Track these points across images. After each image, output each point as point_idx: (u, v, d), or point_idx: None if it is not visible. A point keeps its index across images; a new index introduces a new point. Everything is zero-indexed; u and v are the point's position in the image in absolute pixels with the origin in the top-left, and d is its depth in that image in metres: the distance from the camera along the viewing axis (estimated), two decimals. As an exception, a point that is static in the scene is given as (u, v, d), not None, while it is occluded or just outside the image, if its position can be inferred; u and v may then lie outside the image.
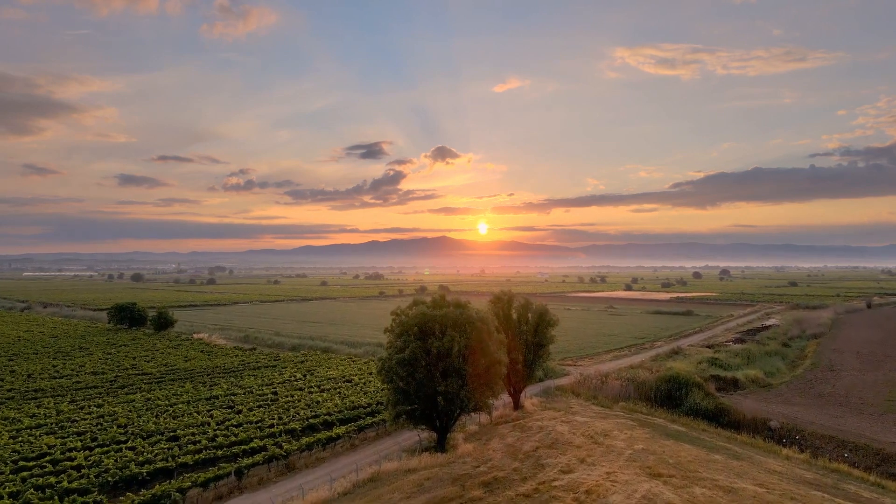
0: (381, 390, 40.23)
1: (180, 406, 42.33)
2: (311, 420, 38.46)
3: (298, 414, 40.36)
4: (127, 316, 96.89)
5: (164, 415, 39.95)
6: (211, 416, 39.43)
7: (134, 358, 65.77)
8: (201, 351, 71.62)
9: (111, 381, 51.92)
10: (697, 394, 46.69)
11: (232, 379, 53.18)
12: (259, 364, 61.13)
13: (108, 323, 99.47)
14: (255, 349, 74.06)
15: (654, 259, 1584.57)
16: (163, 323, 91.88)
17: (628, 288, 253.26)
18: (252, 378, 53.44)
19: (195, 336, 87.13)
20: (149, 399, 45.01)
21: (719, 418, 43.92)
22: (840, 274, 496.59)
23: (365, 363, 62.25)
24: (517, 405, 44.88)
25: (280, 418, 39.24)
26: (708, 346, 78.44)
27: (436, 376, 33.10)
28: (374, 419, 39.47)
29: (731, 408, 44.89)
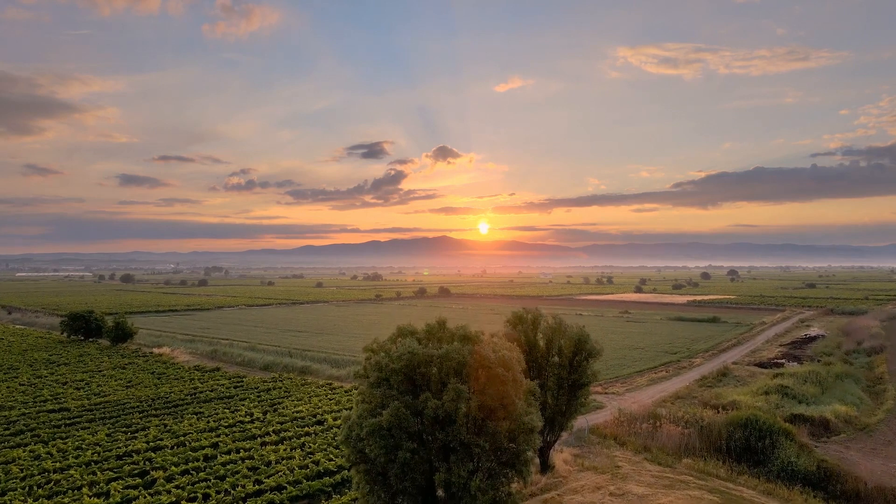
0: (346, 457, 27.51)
1: (71, 473, 30.04)
2: (248, 503, 26.22)
3: (235, 487, 28.13)
4: (82, 326, 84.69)
5: (40, 491, 27.70)
6: (106, 496, 27.17)
7: (64, 384, 53.57)
8: (152, 373, 59.41)
9: (7, 425, 39.65)
10: (789, 446, 34.40)
11: (169, 419, 40.92)
12: (213, 394, 48.83)
13: (62, 333, 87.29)
14: (217, 369, 61.82)
15: (656, 259, 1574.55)
16: (120, 334, 79.69)
17: (638, 290, 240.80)
18: (195, 417, 41.17)
19: (156, 350, 74.90)
20: (37, 457, 32.76)
21: (826, 485, 31.65)
22: (851, 274, 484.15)
23: (346, 392, 49.97)
24: (545, 465, 32.65)
25: (206, 498, 27.02)
26: (759, 365, 66.19)
27: (432, 453, 20.96)
28: (342, 499, 27.22)
29: (841, 469, 32.61)
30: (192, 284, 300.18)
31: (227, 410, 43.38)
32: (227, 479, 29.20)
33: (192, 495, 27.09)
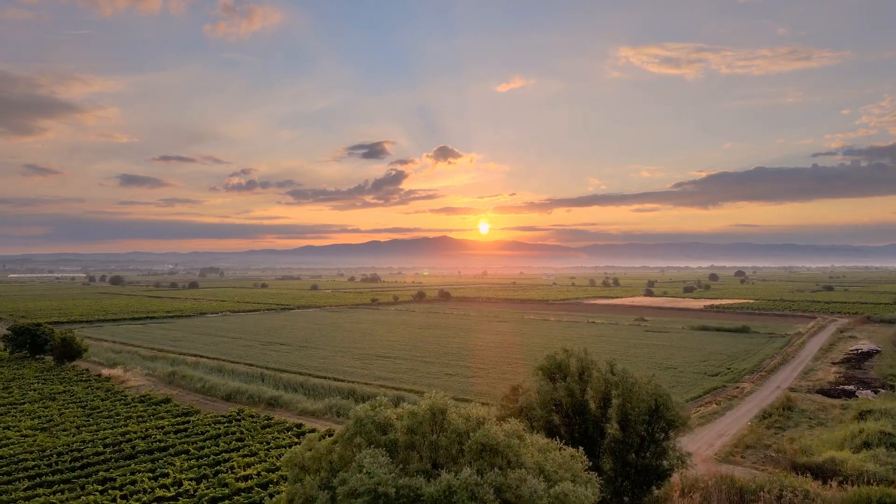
0: None
1: None
2: None
3: None
4: (27, 341, 73.53)
5: None
6: None
7: (-36, 425, 42.36)
8: (84, 406, 48.26)
9: None
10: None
11: (62, 493, 29.67)
12: (143, 444, 37.53)
13: (5, 349, 76.08)
14: (168, 400, 50.56)
15: (657, 259, 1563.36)
16: (67, 352, 68.53)
17: (649, 293, 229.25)
18: (98, 492, 29.90)
19: (105, 372, 63.71)
20: None
21: None
22: (861, 276, 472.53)
23: (318, 440, 38.71)
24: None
25: None
26: (823, 393, 54.89)
27: None
28: None
29: None
30: (182, 287, 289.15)
31: (149, 474, 32.09)
32: None
33: None
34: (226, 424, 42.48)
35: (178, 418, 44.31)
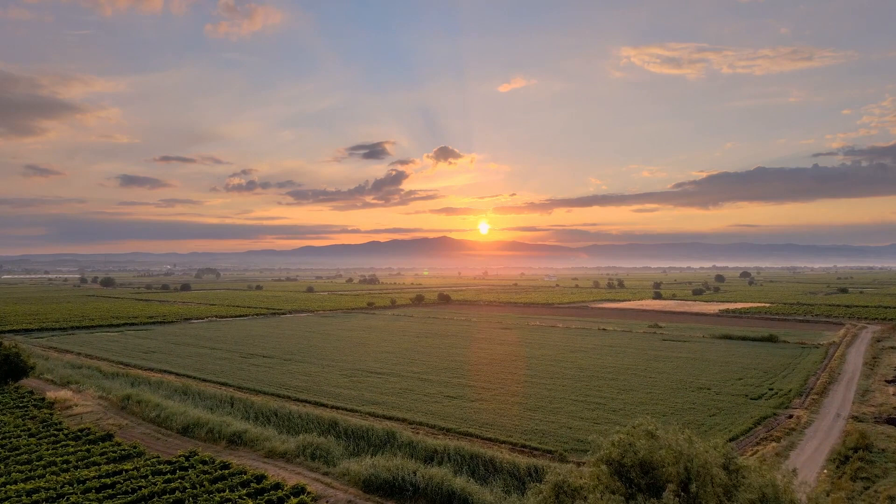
0: None
1: None
2: None
3: None
4: (-29, 356, 64.70)
5: None
6: None
7: None
8: (2, 446, 39.43)
9: None
10: None
11: None
12: (51, 509, 28.74)
13: (-53, 366, 67.22)
14: (109, 437, 41.70)
15: (658, 259, 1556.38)
16: (10, 370, 59.63)
17: (658, 296, 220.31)
18: None
19: (51, 395, 54.82)
20: None
21: None
22: (870, 276, 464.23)
23: (283, 500, 29.89)
24: None
25: None
26: (895, 423, 46.08)
27: None
28: None
29: None
30: (174, 289, 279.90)
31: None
32: None
33: None
34: (167, 476, 33.57)
35: (112, 465, 35.43)
